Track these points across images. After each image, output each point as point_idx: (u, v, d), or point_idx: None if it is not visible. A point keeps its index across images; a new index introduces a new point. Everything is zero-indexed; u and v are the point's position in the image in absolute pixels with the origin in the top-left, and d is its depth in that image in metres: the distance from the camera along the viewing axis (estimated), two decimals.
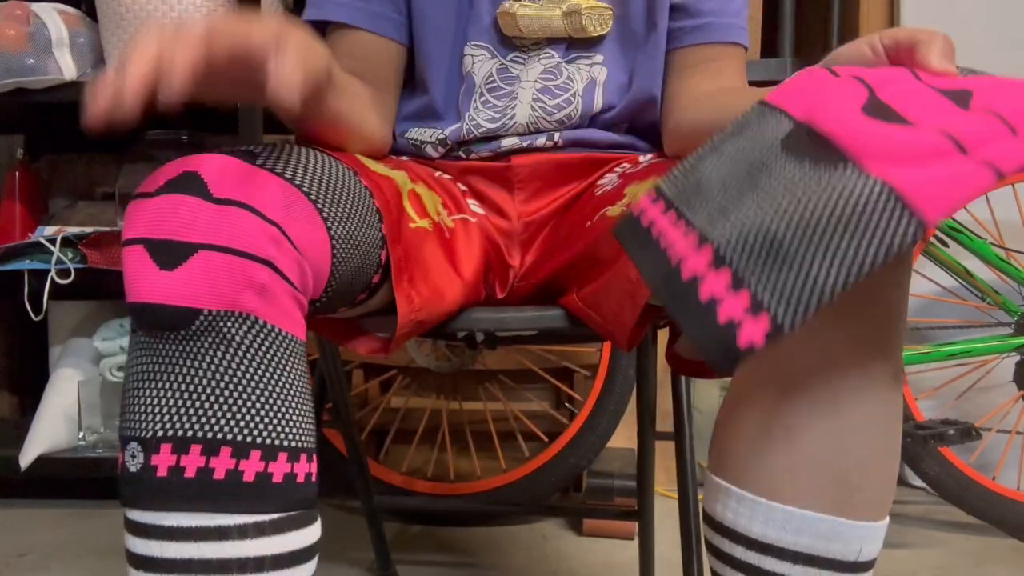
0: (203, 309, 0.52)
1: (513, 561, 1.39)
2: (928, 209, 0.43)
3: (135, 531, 0.54)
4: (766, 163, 0.50)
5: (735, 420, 0.60)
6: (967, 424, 1.44)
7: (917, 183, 0.44)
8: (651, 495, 1.15)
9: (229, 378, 0.53)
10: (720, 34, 0.91)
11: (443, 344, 1.50)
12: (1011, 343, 1.53)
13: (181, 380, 0.52)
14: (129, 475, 0.53)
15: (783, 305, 0.45)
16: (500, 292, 0.91)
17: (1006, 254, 1.57)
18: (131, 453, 0.53)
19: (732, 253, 0.47)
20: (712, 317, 0.47)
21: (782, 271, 0.45)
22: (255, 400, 0.53)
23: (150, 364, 0.53)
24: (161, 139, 1.66)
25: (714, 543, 0.61)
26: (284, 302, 0.55)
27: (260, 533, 0.53)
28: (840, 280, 0.44)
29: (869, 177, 0.45)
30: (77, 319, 1.69)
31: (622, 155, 0.92)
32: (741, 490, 0.58)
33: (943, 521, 1.64)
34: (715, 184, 0.53)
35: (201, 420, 0.52)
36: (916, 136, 0.45)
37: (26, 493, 1.70)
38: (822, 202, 0.45)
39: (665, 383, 1.64)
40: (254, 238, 0.53)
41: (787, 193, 0.47)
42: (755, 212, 0.47)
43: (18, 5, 1.50)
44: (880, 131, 0.46)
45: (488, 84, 0.90)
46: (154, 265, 0.52)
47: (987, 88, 0.49)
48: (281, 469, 0.54)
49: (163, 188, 0.54)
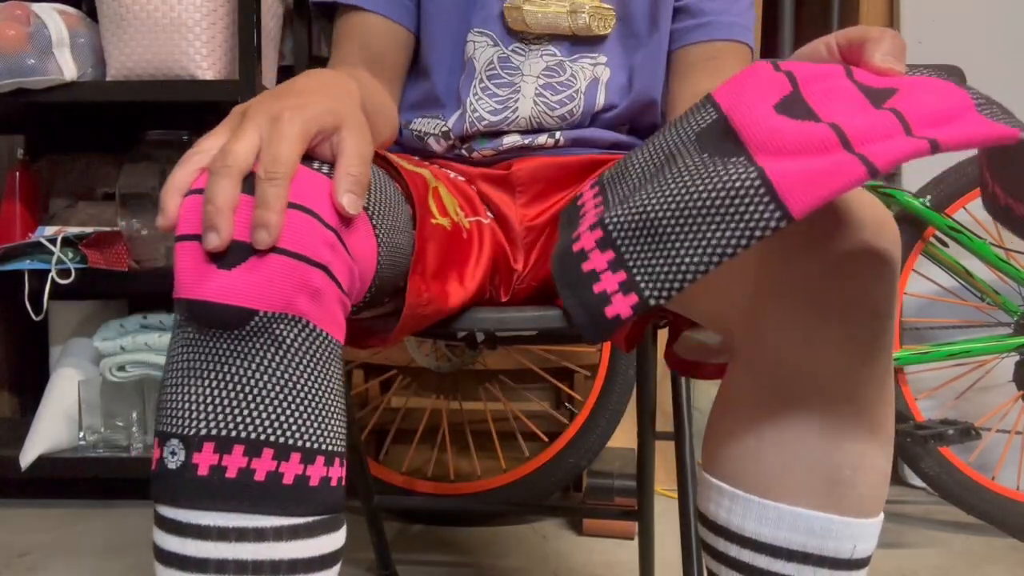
0: (259, 310, 0.51)
1: (513, 561, 1.39)
2: (793, 200, 0.45)
3: (170, 528, 0.53)
4: (678, 153, 0.53)
5: (727, 419, 0.60)
6: (967, 424, 1.44)
7: (788, 174, 0.45)
8: (651, 495, 1.15)
9: (276, 380, 0.52)
10: (722, 31, 0.91)
11: (443, 344, 1.50)
12: (1011, 343, 1.53)
13: (228, 379, 0.52)
14: (167, 472, 0.52)
15: (652, 283, 0.48)
16: (504, 295, 0.92)
17: (1006, 254, 1.57)
18: (171, 450, 0.52)
19: (619, 234, 0.51)
20: (588, 288, 0.51)
21: (655, 252, 0.49)
22: (299, 403, 0.53)
23: (197, 360, 0.52)
24: (161, 139, 1.66)
25: (708, 542, 0.61)
26: (333, 307, 0.55)
27: (295, 536, 0.53)
28: (703, 263, 0.47)
29: (751, 167, 0.46)
30: (77, 319, 1.69)
31: (622, 155, 0.92)
32: (734, 488, 0.58)
33: (943, 521, 1.64)
34: (635, 171, 0.56)
35: (246, 420, 0.52)
36: (806, 130, 0.47)
37: (26, 493, 1.70)
38: (705, 190, 0.47)
39: (665, 383, 1.64)
40: (313, 242, 0.53)
41: (678, 181, 0.49)
42: (646, 198, 0.50)
43: (18, 5, 1.50)
44: (779, 125, 0.48)
45: (488, 71, 0.91)
46: (210, 264, 0.51)
47: (910, 88, 0.50)
48: (318, 473, 0.54)
49: None
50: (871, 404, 0.56)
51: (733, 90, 0.54)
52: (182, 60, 1.48)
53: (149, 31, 1.47)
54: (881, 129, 0.46)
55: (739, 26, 0.92)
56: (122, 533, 1.50)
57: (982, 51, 1.85)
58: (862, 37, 0.55)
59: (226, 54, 1.51)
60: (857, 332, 0.54)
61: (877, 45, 0.54)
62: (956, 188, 1.56)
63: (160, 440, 0.53)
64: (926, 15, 1.88)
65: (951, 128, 0.46)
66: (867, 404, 0.55)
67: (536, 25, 0.89)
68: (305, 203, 0.54)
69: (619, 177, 0.58)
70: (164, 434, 0.53)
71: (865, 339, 0.54)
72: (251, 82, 1.48)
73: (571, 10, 0.89)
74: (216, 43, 1.50)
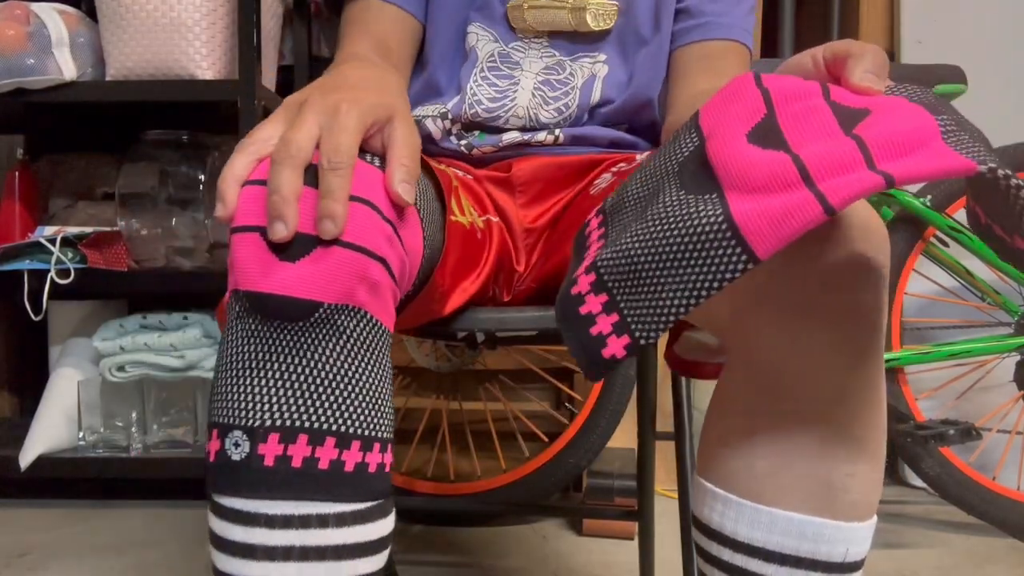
0: (323, 302, 0.52)
1: (513, 561, 1.39)
2: (757, 242, 0.46)
3: (233, 518, 0.53)
4: (662, 187, 0.55)
5: (721, 423, 0.61)
6: (967, 424, 1.44)
7: (753, 215, 0.47)
8: (651, 495, 1.15)
9: (338, 370, 0.53)
10: (721, 31, 0.92)
11: (443, 344, 1.50)
12: (1011, 343, 1.53)
13: (292, 370, 0.52)
14: (231, 463, 0.52)
15: (640, 324, 0.51)
16: (506, 295, 0.92)
17: None
18: (234, 441, 0.52)
19: (609, 278, 0.54)
20: (586, 330, 0.54)
21: (642, 294, 0.51)
22: (359, 392, 0.54)
23: (259, 352, 0.52)
24: (161, 139, 1.66)
25: (702, 545, 0.62)
26: (387, 298, 0.56)
27: (354, 521, 0.54)
28: (682, 304, 0.49)
29: (718, 209, 0.48)
30: (77, 319, 1.69)
31: (620, 154, 0.93)
32: (727, 493, 0.59)
33: (943, 521, 1.64)
34: (630, 201, 0.59)
35: (309, 410, 0.52)
36: (773, 165, 0.48)
37: (26, 493, 1.70)
38: (680, 232, 0.50)
39: (665, 383, 1.64)
40: (373, 235, 0.53)
41: (658, 223, 0.52)
42: (631, 240, 0.53)
43: (18, 5, 1.50)
44: (750, 158, 0.49)
45: (489, 62, 0.92)
46: (273, 255, 0.51)
47: (882, 111, 0.51)
48: (375, 459, 0.55)
49: None
50: (863, 409, 0.56)
51: (715, 111, 0.55)
52: (182, 60, 1.48)
53: (149, 31, 1.47)
54: (843, 161, 0.47)
55: (738, 28, 0.92)
56: (122, 533, 1.50)
57: (982, 51, 1.85)
58: (846, 51, 0.55)
59: (226, 54, 1.51)
60: (847, 338, 0.54)
61: (858, 62, 0.54)
62: (956, 188, 1.56)
63: (220, 432, 0.53)
64: (926, 15, 1.88)
65: (910, 160, 0.47)
66: (859, 409, 0.55)
67: (538, 22, 0.90)
68: (365, 195, 0.54)
69: (618, 206, 0.60)
70: (225, 426, 0.53)
71: (855, 345, 0.54)
72: (251, 82, 1.47)
73: (573, 7, 0.90)
74: (216, 43, 1.50)
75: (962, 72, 1.47)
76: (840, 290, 0.53)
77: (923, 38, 1.87)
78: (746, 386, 0.58)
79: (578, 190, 0.92)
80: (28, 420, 1.58)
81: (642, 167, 0.60)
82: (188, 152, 1.66)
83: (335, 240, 0.52)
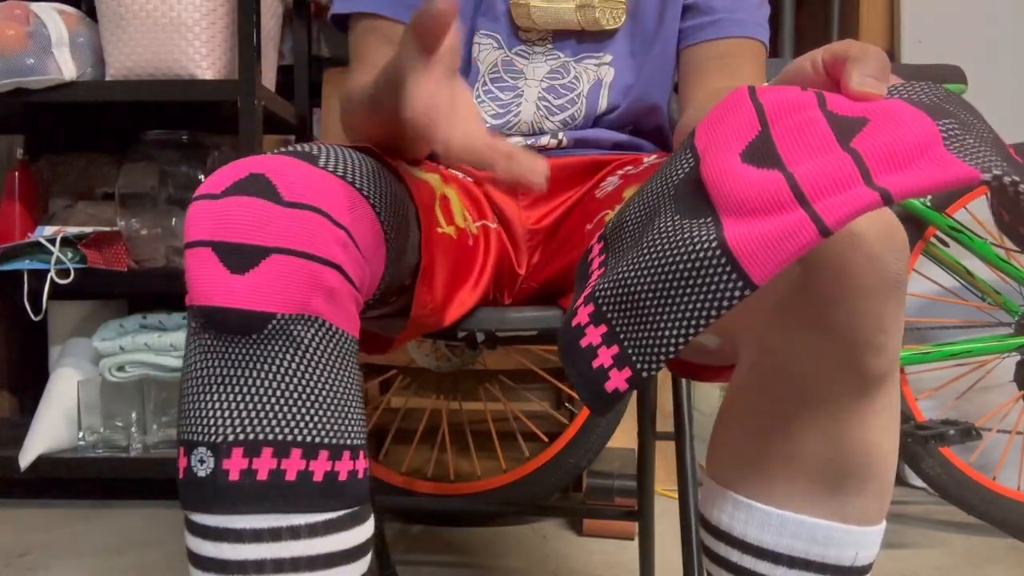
0: (276, 313, 0.52)
1: (513, 561, 1.39)
2: (752, 266, 0.45)
3: (204, 534, 0.53)
4: (658, 211, 0.54)
5: (733, 424, 0.60)
6: (967, 424, 1.44)
7: (747, 239, 0.46)
8: (651, 495, 1.15)
9: (298, 381, 0.53)
10: (734, 29, 0.89)
11: (443, 344, 1.50)
12: (1011, 343, 1.53)
13: (251, 384, 0.52)
14: (197, 480, 0.53)
15: (641, 356, 0.50)
16: (507, 299, 0.92)
17: (1006, 254, 1.57)
18: (199, 458, 0.53)
19: (608, 309, 0.53)
20: (588, 364, 0.53)
21: (641, 325, 0.50)
22: (323, 401, 0.54)
23: (217, 367, 0.53)
24: (161, 139, 1.66)
25: (710, 546, 0.61)
26: (347, 304, 0.56)
27: (328, 530, 0.54)
28: (681, 335, 0.48)
29: (712, 235, 0.47)
30: (77, 319, 1.69)
31: (625, 156, 0.92)
32: (737, 494, 0.58)
33: (943, 521, 1.64)
34: (629, 226, 0.58)
35: (272, 423, 0.52)
36: (767, 185, 0.47)
37: (26, 493, 1.70)
38: (675, 260, 0.49)
39: (665, 383, 1.64)
40: (325, 242, 0.53)
41: (653, 248, 0.51)
42: (627, 269, 0.52)
43: (18, 5, 1.50)
44: (744, 179, 0.48)
45: (492, 74, 0.90)
46: (224, 269, 0.51)
47: (881, 119, 0.49)
48: (345, 467, 0.55)
49: (230, 189, 0.54)
50: (877, 413, 0.55)
51: (709, 129, 0.55)
52: (182, 60, 1.48)
53: (148, 31, 1.47)
54: (838, 178, 0.46)
55: (751, 23, 0.90)
56: (122, 533, 1.49)
57: (982, 51, 1.85)
58: (844, 54, 0.54)
59: (226, 54, 1.51)
60: (863, 344, 0.54)
61: (855, 65, 0.52)
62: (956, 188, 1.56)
63: (186, 449, 0.53)
64: (926, 15, 1.88)
65: (910, 172, 0.45)
66: (873, 413, 0.55)
67: (543, 20, 0.88)
68: (314, 203, 0.54)
69: (617, 231, 0.59)
70: (190, 443, 0.53)
71: (872, 350, 0.54)
72: (251, 82, 1.47)
73: (579, 5, 0.88)
74: (216, 43, 1.50)
75: (962, 72, 1.47)
76: (856, 298, 0.52)
77: (923, 38, 1.87)
78: (759, 390, 0.58)
79: (584, 191, 0.91)
80: (28, 420, 1.58)
81: (641, 189, 0.59)
82: (188, 152, 1.66)
83: (285, 249, 0.51)
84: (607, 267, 0.57)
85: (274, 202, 0.53)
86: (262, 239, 0.52)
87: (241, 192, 0.53)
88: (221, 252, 0.52)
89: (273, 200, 0.53)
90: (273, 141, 1.92)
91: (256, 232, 0.51)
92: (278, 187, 0.54)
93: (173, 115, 1.67)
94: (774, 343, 0.56)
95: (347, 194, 0.57)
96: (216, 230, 0.52)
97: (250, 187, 0.53)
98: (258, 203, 0.52)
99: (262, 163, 0.55)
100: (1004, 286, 1.58)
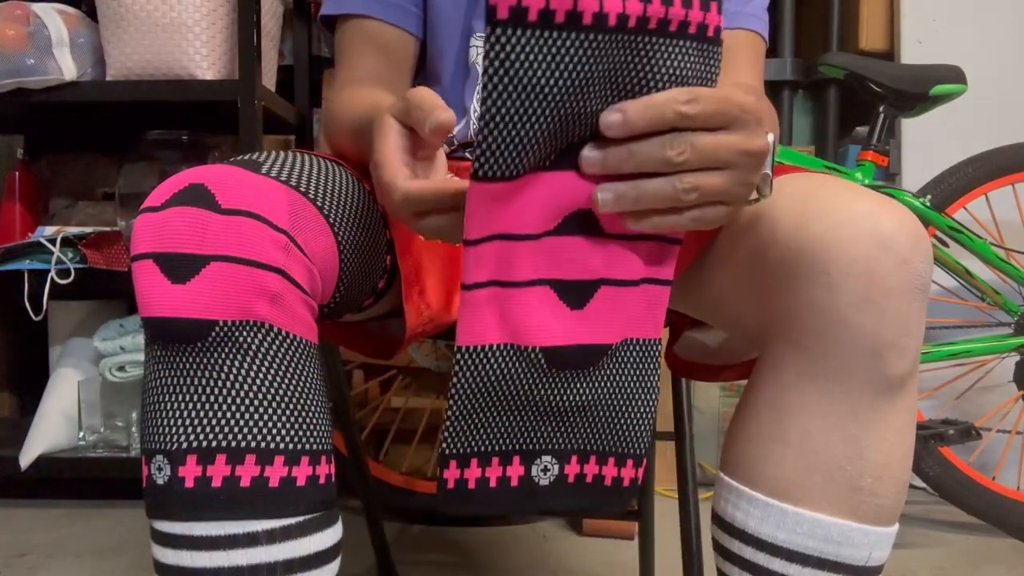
0: (218, 320, 0.52)
1: (513, 561, 1.39)
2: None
3: (164, 542, 0.54)
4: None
5: (749, 420, 0.60)
6: (967, 424, 1.44)
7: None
8: (651, 495, 1.15)
9: (248, 387, 0.53)
10: (728, 20, 0.85)
11: (443, 344, 1.50)
12: (1011, 343, 1.53)
13: (201, 391, 0.53)
14: (156, 487, 0.53)
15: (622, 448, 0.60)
16: None
17: (1006, 254, 1.57)
18: (157, 466, 0.53)
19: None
20: (601, 486, 0.59)
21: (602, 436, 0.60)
22: (275, 407, 0.54)
23: (169, 377, 0.53)
24: (161, 139, 1.66)
25: (722, 543, 0.61)
26: (296, 308, 0.56)
27: (287, 536, 0.54)
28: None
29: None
30: (77, 319, 1.69)
31: None
32: (752, 491, 0.58)
33: (943, 521, 1.64)
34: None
35: (224, 430, 0.52)
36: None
37: (26, 493, 1.70)
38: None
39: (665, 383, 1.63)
40: (263, 247, 0.53)
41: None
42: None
43: (18, 5, 1.50)
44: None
45: None
46: (165, 279, 0.52)
47: (609, 293, 0.55)
48: (304, 472, 0.55)
49: (170, 201, 0.54)
50: (896, 415, 0.56)
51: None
52: (182, 60, 1.48)
53: (149, 31, 1.47)
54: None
55: (746, 14, 0.86)
56: (122, 533, 1.49)
57: (982, 51, 1.85)
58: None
59: (226, 54, 1.51)
60: (888, 344, 0.54)
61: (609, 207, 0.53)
62: (956, 188, 1.56)
63: (147, 457, 0.54)
64: (926, 15, 1.88)
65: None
66: (892, 414, 0.55)
67: None
68: (250, 208, 0.54)
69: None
70: (149, 451, 0.54)
71: (896, 351, 0.54)
72: (251, 82, 1.47)
73: None
74: (216, 43, 1.50)
75: (962, 72, 1.47)
76: (885, 300, 0.53)
77: (923, 38, 1.87)
78: (780, 386, 0.58)
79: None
80: (28, 420, 1.58)
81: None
82: (188, 152, 1.66)
83: (224, 256, 0.52)
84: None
85: (211, 210, 0.53)
86: (200, 247, 0.52)
87: (180, 203, 0.54)
88: (162, 263, 0.52)
89: (210, 208, 0.53)
90: (273, 141, 1.92)
91: (194, 241, 0.52)
92: (216, 195, 0.54)
93: (173, 115, 1.67)
94: (795, 341, 0.56)
95: (288, 198, 0.57)
96: (157, 242, 0.53)
97: (188, 197, 0.54)
98: (195, 212, 0.53)
99: (202, 173, 0.56)
100: (1004, 286, 1.58)
